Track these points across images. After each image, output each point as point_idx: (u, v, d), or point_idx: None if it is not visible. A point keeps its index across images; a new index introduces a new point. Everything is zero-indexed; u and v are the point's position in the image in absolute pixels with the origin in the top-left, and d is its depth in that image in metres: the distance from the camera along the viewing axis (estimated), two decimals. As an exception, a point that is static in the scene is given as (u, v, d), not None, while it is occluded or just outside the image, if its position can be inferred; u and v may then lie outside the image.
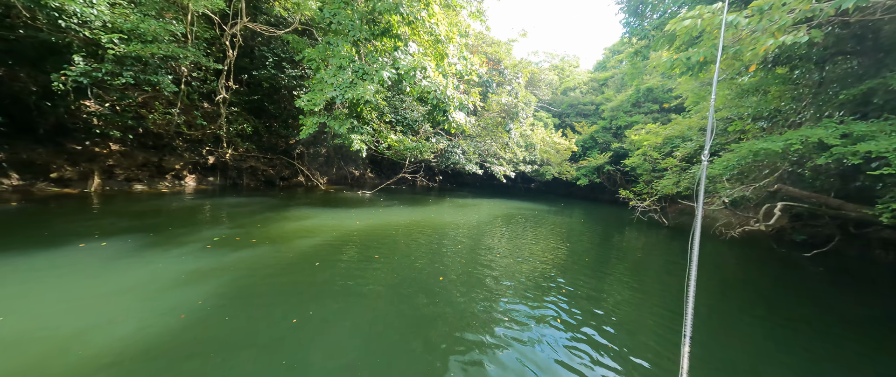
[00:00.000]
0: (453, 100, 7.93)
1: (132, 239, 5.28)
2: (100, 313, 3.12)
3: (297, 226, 7.35)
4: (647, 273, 6.46)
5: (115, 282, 3.77)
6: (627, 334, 3.64)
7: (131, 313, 3.16)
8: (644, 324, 3.96)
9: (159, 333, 2.88)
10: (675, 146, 12.76)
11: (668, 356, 3.23)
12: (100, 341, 2.71)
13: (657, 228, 12.50)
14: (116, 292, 3.56)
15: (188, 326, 3.02)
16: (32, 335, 2.72)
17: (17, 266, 3.92)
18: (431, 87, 7.66)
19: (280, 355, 2.74)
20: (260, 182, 15.24)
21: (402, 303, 3.94)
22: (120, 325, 2.94)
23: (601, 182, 24.24)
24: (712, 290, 5.62)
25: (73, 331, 2.81)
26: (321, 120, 8.50)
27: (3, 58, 7.97)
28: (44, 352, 2.53)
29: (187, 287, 3.80)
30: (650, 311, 4.35)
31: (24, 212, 6.60)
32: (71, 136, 9.72)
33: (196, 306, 3.35)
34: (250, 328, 3.12)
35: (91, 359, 2.48)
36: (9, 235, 4.98)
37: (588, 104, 26.91)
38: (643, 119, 20.34)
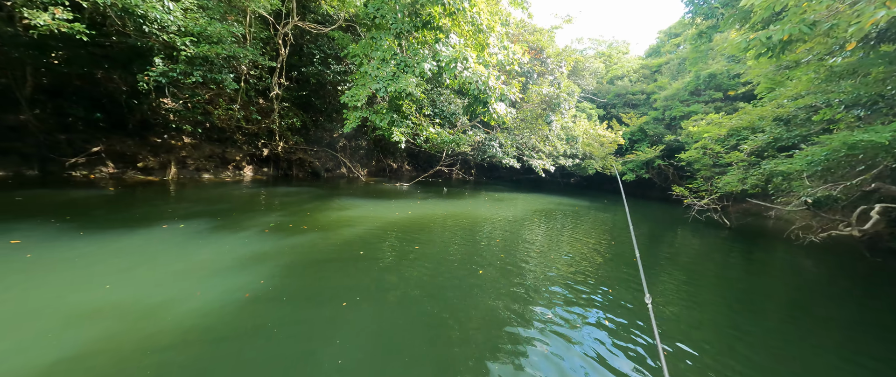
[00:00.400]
0: (495, 90, 7.75)
1: (204, 222, 5.90)
2: (180, 286, 3.53)
3: (342, 216, 7.72)
4: (703, 278, 5.89)
5: (192, 260, 4.25)
6: (679, 346, 3.35)
7: (206, 288, 3.53)
8: (692, 338, 3.62)
9: (230, 307, 3.19)
10: (743, 138, 11.39)
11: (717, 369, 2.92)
12: (181, 310, 3.06)
13: (716, 229, 11.35)
14: (193, 268, 4.00)
15: (253, 303, 3.31)
16: (129, 302, 3.14)
17: (119, 243, 4.56)
18: (472, 78, 7.55)
19: (333, 335, 2.91)
20: (307, 173, 16.24)
21: (441, 294, 3.97)
22: (197, 299, 3.30)
23: (650, 178, 22.51)
24: (787, 304, 4.98)
25: (159, 300, 3.21)
26: (364, 115, 8.79)
27: (101, 61, 9.22)
28: (138, 317, 2.92)
29: (251, 267, 4.16)
30: (702, 323, 3.96)
31: (119, 196, 7.66)
32: (152, 130, 11.06)
33: (259, 285, 3.66)
34: (306, 308, 3.33)
35: (174, 325, 2.82)
36: (112, 216, 5.83)
37: (638, 93, 24.94)
38: (703, 109, 18.43)
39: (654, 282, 5.19)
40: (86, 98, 9.51)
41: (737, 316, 4.15)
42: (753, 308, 4.55)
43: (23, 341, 2.48)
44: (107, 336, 2.60)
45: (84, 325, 2.71)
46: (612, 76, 27.37)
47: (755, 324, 3.97)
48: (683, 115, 19.39)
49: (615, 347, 3.14)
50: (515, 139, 17.96)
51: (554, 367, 2.74)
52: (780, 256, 8.28)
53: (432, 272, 4.64)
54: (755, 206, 16.69)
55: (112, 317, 2.86)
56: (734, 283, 5.65)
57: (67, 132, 9.27)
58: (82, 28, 6.03)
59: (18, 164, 8.62)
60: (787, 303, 4.98)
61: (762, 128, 10.67)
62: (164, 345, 2.57)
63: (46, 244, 4.20)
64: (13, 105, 8.41)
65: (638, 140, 22.82)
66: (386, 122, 8.82)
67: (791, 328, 4.02)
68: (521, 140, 18.12)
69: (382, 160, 21.78)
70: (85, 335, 2.59)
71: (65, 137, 9.21)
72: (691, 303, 4.41)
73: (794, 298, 5.29)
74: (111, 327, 2.72)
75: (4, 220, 4.84)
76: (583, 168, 21.67)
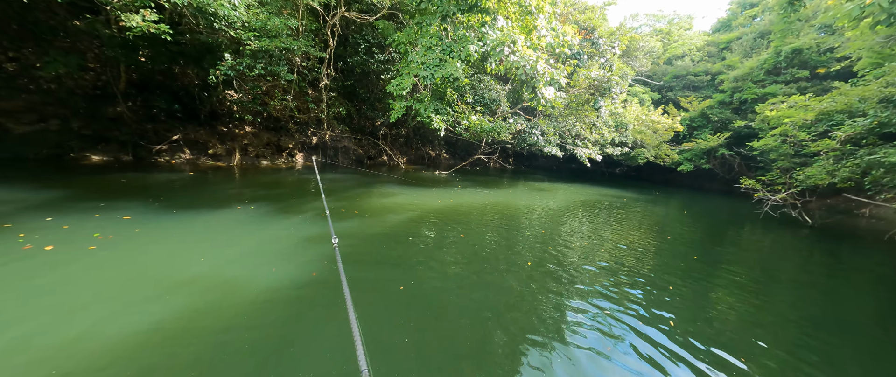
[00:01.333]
0: (544, 75, 7.39)
1: (268, 204, 6.45)
2: (258, 262, 3.91)
3: (388, 202, 7.99)
4: (777, 284, 5.27)
5: (264, 238, 4.68)
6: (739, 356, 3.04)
7: (279, 264, 3.88)
8: (757, 350, 3.25)
9: (300, 283, 3.48)
10: (836, 124, 9.82)
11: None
12: (263, 283, 3.40)
13: (794, 228, 10.04)
14: (266, 246, 4.41)
15: (319, 282, 3.58)
16: (221, 275, 3.55)
17: (206, 222, 5.15)
18: (520, 62, 7.26)
19: (397, 314, 3.06)
20: (352, 160, 16.97)
21: (495, 283, 3.98)
22: (273, 275, 3.63)
23: (711, 168, 20.42)
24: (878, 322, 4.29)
25: (244, 273, 3.59)
26: (408, 104, 8.88)
27: (177, 58, 10.25)
28: (230, 288, 3.29)
29: (313, 248, 4.48)
30: (768, 334, 3.55)
31: (196, 179, 8.60)
32: (220, 120, 12.17)
33: (323, 265, 3.94)
34: (366, 290, 3.53)
35: (259, 296, 3.14)
36: (195, 197, 6.60)
37: (700, 74, 22.46)
38: (782, 90, 16.15)
39: (712, 286, 4.76)
40: (166, 91, 10.68)
41: (814, 333, 3.68)
42: (838, 324, 4.00)
43: (131, 302, 2.91)
44: (206, 303, 2.97)
45: (185, 292, 3.12)
46: (671, 56, 24.86)
47: (841, 343, 3.50)
48: (757, 98, 17.17)
49: (661, 348, 2.94)
50: (558, 126, 17.17)
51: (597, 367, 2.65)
52: (877, 262, 7.14)
53: (481, 260, 4.66)
54: (844, 202, 14.48)
55: (209, 287, 3.25)
56: (814, 292, 4.99)
57: (153, 122, 10.52)
58: (166, 28, 6.72)
59: (117, 151, 9.99)
60: (878, 320, 4.31)
61: (863, 111, 9.09)
62: (254, 312, 2.88)
63: (150, 220, 4.86)
64: (111, 99, 9.69)
65: (698, 126, 20.71)
66: (430, 110, 8.85)
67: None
68: (565, 127, 17.27)
69: (421, 148, 22.06)
70: (187, 301, 2.98)
71: (151, 127, 10.47)
72: (753, 316, 3.98)
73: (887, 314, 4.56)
74: (209, 296, 3.10)
75: (117, 199, 5.69)
76: (632, 157, 20.20)
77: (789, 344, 3.26)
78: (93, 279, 3.19)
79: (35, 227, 4.16)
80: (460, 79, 7.92)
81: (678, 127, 18.22)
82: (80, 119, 9.12)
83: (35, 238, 3.86)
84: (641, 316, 3.51)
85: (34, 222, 4.32)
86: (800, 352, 3.13)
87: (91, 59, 9.38)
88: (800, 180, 10.26)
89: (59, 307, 2.71)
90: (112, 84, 9.49)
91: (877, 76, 9.56)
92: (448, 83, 8.12)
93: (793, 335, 3.46)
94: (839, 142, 9.34)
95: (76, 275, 3.21)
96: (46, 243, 3.77)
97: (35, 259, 3.42)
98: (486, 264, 4.53)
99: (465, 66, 7.85)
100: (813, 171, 9.50)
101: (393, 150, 19.04)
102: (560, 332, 3.06)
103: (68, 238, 3.99)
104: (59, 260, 3.46)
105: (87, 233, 4.17)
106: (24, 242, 3.71)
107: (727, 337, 3.26)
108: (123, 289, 3.08)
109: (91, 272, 3.31)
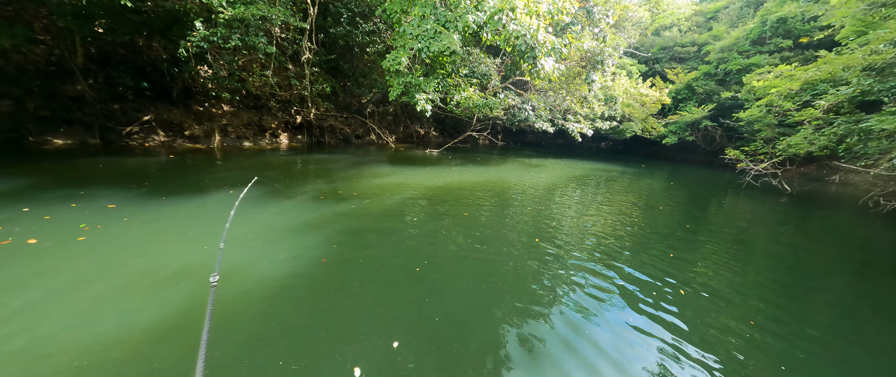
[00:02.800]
0: (545, 45, 7.08)
1: (262, 188, 6.10)
2: (264, 248, 3.70)
3: (385, 182, 7.75)
4: (780, 246, 5.51)
5: (267, 223, 4.43)
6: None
7: (287, 250, 3.67)
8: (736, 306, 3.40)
9: (310, 269, 3.32)
10: (819, 93, 10.08)
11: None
12: (273, 271, 3.22)
13: (774, 196, 10.52)
14: (270, 232, 4.19)
15: (330, 267, 3.42)
16: (228, 262, 3.31)
17: (199, 207, 4.81)
18: (520, 31, 6.90)
19: (421, 293, 2.97)
20: (339, 140, 16.36)
21: (502, 261, 3.94)
22: (281, 261, 3.44)
23: (694, 141, 20.93)
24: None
25: (252, 260, 3.38)
26: (407, 80, 8.40)
27: (140, 28, 9.26)
28: (241, 278, 3.09)
29: (319, 231, 4.29)
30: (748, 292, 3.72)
31: (176, 163, 8.03)
32: (194, 98, 11.29)
33: (332, 250, 3.77)
34: (381, 271, 3.41)
35: (272, 283, 2.97)
36: (181, 181, 6.16)
37: (687, 45, 22.47)
38: (766, 60, 16.40)
39: (699, 256, 4.92)
40: (131, 67, 9.72)
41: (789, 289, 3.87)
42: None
43: (138, 299, 2.69)
44: (220, 292, 2.77)
45: (192, 281, 2.90)
46: (658, 26, 24.67)
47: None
48: (742, 69, 17.41)
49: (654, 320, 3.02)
50: (548, 101, 16.96)
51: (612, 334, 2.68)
52: (847, 224, 7.59)
53: (487, 238, 4.60)
54: (815, 170, 15.28)
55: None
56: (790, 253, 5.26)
57: (120, 101, 9.63)
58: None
59: (82, 134, 9.16)
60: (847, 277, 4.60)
61: (847, 80, 9.33)
62: (267, 301, 2.72)
63: (137, 208, 4.50)
64: (69, 76, 8.74)
65: (684, 98, 20.98)
66: (431, 87, 8.42)
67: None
68: (555, 102, 17.09)
69: (410, 126, 21.51)
70: (194, 290, 2.77)
71: (118, 107, 9.59)
72: (735, 283, 4.15)
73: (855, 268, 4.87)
74: (221, 284, 2.89)
75: (95, 186, 5.21)
76: (620, 131, 20.38)
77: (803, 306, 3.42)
78: (89, 271, 2.92)
79: (11, 218, 3.76)
80: (457, 52, 7.51)
81: (665, 100, 18.36)
82: (36, 99, 8.22)
83: (14, 230, 3.49)
84: (655, 285, 3.57)
85: (8, 213, 3.90)
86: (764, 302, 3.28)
87: (39, 29, 8.33)
88: (781, 150, 10.64)
89: (62, 303, 2.47)
90: (68, 59, 8.52)
91: (861, 44, 9.75)
92: (445, 57, 7.69)
93: (805, 299, 3.63)
94: (822, 111, 9.63)
95: (70, 268, 2.93)
96: (29, 236, 3.41)
97: (19, 252, 3.09)
98: (497, 242, 4.48)
99: (461, 37, 7.43)
100: (796, 141, 9.84)
101: (381, 128, 18.44)
102: (587, 302, 3.07)
103: (53, 229, 3.63)
104: (47, 253, 3.14)
105: (72, 223, 3.82)
106: (3, 236, 3.33)
107: (741, 299, 3.38)
108: (126, 281, 2.83)
109: (86, 264, 3.03)
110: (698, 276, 3.90)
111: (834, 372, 2.49)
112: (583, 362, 2.32)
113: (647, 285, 3.56)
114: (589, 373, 2.22)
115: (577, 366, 2.28)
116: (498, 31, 7.55)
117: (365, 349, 2.27)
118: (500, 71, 16.52)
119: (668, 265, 4.13)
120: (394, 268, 3.48)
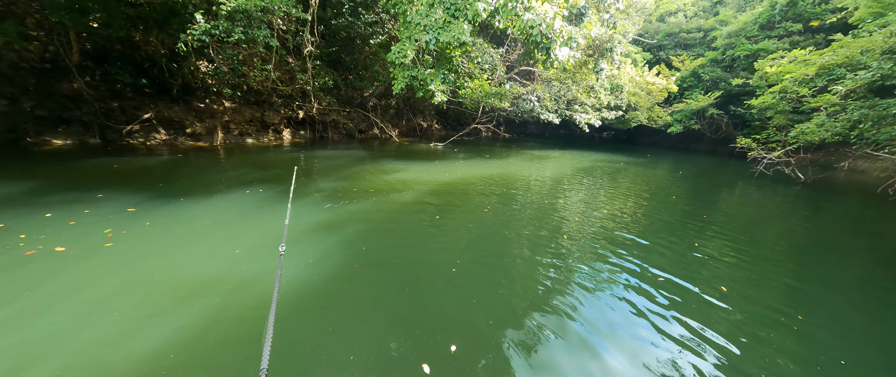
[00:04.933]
0: (561, 34, 6.80)
1: (275, 187, 5.91)
2: (292, 252, 3.51)
3: (397, 179, 7.56)
4: (802, 237, 5.38)
5: (295, 223, 4.20)
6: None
7: (316, 254, 3.49)
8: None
9: (343, 273, 3.15)
10: (837, 78, 9.86)
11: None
12: (306, 276, 3.04)
13: (787, 184, 10.38)
14: (294, 233, 4.00)
15: (364, 274, 3.26)
16: (260, 269, 3.16)
17: (219, 209, 4.60)
18: (536, 20, 6.62)
19: (463, 295, 2.82)
20: (342, 135, 16.09)
21: (539, 261, 3.80)
22: (312, 266, 3.27)
23: (699, 129, 20.73)
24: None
25: (284, 266, 3.21)
26: (413, 73, 8.11)
27: (137, 22, 8.91)
28: (280, 283, 2.92)
29: (343, 232, 4.12)
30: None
31: (183, 162, 7.80)
32: (195, 95, 10.99)
33: (361, 252, 3.60)
34: (418, 275, 3.24)
35: (309, 291, 2.80)
36: (195, 181, 5.95)
37: (693, 31, 22.08)
38: (775, 45, 16.10)
39: (727, 250, 4.78)
40: (128, 63, 9.39)
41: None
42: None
43: (176, 304, 2.52)
44: (254, 299, 2.61)
45: (227, 288, 2.73)
46: (663, 12, 24.20)
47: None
48: (750, 55, 17.12)
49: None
50: (553, 91, 16.66)
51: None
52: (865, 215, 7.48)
53: (514, 236, 4.45)
54: (823, 157, 15.13)
55: (248, 281, 2.88)
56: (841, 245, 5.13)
57: (118, 99, 9.33)
58: (121, -16, 5.63)
59: (81, 133, 8.88)
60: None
61: (866, 63, 9.11)
62: (299, 309, 2.56)
63: (157, 211, 4.32)
64: (65, 73, 8.42)
65: (689, 87, 20.70)
66: (438, 80, 8.14)
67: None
68: (560, 92, 16.79)
69: (412, 119, 21.19)
70: (228, 300, 2.61)
71: (117, 105, 9.29)
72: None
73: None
74: (252, 290, 2.73)
75: (110, 188, 5.03)
76: (625, 121, 20.13)
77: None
78: (124, 281, 2.78)
79: (37, 225, 3.61)
80: (467, 43, 7.23)
81: (672, 87, 18.06)
82: (32, 97, 7.93)
83: (40, 238, 3.35)
84: (686, 275, 3.44)
85: (31, 219, 3.74)
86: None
87: (32, 25, 7.98)
88: (793, 137, 10.45)
89: (103, 315, 2.34)
90: (63, 55, 8.20)
91: (880, 26, 9.50)
92: (453, 48, 7.41)
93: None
94: (840, 97, 9.43)
95: (105, 280, 2.79)
96: (56, 243, 3.27)
97: (51, 262, 2.95)
98: (526, 240, 4.32)
99: (473, 27, 7.14)
100: (812, 128, 9.66)
101: (384, 122, 18.13)
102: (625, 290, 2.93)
103: (78, 236, 3.48)
104: (78, 262, 3.00)
105: (96, 229, 3.67)
106: (30, 243, 3.17)
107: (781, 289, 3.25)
108: (161, 291, 2.68)
109: (120, 274, 2.90)
110: (734, 272, 3.77)
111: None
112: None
113: (694, 281, 3.42)
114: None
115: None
116: (511, 19, 7.26)
117: (424, 354, 2.13)
118: (505, 61, 16.19)
119: (708, 261, 3.99)
120: (429, 270, 3.32)
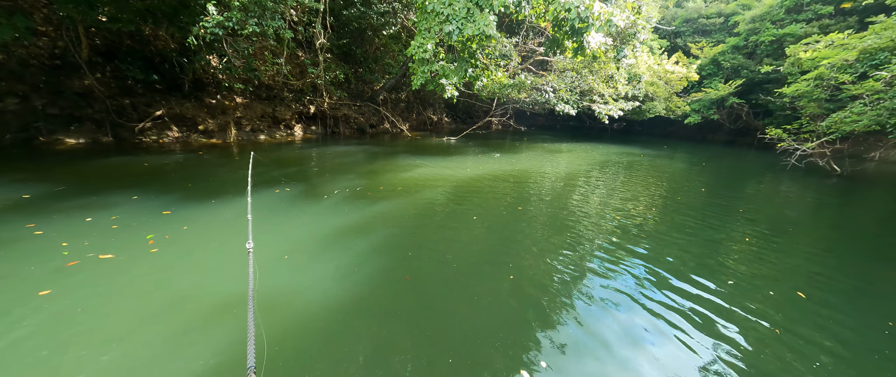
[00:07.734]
0: (599, 17, 6.34)
1: (301, 186, 5.65)
2: (338, 258, 3.26)
3: (417, 175, 7.25)
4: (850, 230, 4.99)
5: (326, 226, 4.01)
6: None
7: (362, 262, 3.21)
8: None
9: (393, 286, 2.87)
10: (880, 63, 9.28)
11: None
12: (353, 285, 2.77)
13: (820, 178, 9.87)
14: (334, 236, 3.77)
15: (418, 286, 2.97)
16: (314, 277, 2.89)
17: (253, 210, 4.34)
18: (573, 3, 6.16)
19: (533, 305, 2.53)
20: (353, 130, 15.77)
21: (586, 268, 3.48)
22: (357, 274, 2.99)
23: (718, 119, 20.06)
24: None
25: (331, 273, 2.94)
26: (433, 68, 7.70)
27: (146, 16, 8.60)
28: (332, 295, 2.64)
29: (381, 233, 3.83)
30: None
31: (199, 161, 7.54)
32: (206, 91, 10.71)
33: (407, 257, 3.32)
34: (477, 285, 2.95)
35: (351, 304, 2.52)
36: (222, 180, 5.72)
37: (713, 16, 21.23)
38: (803, 29, 15.36)
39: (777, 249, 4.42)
40: (139, 58, 9.11)
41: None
42: None
43: (230, 319, 2.26)
44: (308, 310, 2.34)
45: (283, 297, 2.48)
46: (681, -2, 23.29)
47: None
48: (775, 40, 16.38)
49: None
50: (568, 82, 16.12)
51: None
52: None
53: (562, 238, 4.13)
54: (850, 148, 14.49)
55: (300, 289, 2.63)
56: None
57: (129, 96, 9.08)
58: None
59: (94, 132, 8.67)
60: None
61: (915, 47, 8.53)
62: (352, 322, 2.28)
63: (191, 213, 4.11)
64: (75, 70, 8.18)
65: (708, 75, 19.99)
66: (460, 75, 7.73)
67: None
68: (577, 83, 16.24)
69: (423, 113, 20.80)
70: (293, 306, 2.34)
71: (128, 102, 9.06)
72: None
73: None
74: (305, 298, 2.46)
75: (138, 189, 4.82)
76: (643, 112, 19.50)
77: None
78: (178, 291, 2.61)
79: (80, 231, 3.40)
80: (493, 35, 6.80)
81: (693, 76, 17.37)
82: (43, 95, 7.71)
83: (84, 244, 3.15)
84: (749, 271, 3.11)
85: (69, 225, 3.53)
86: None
87: (40, 20, 7.72)
88: (827, 126, 9.90)
89: (162, 329, 2.14)
90: (73, 51, 7.94)
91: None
92: (478, 41, 6.98)
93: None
94: (884, 83, 8.87)
95: (161, 291, 2.61)
96: (102, 250, 3.07)
97: (103, 271, 2.76)
98: (574, 241, 4.01)
99: (496, 18, 6.72)
100: (852, 116, 9.13)
101: (394, 116, 17.77)
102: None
103: (123, 242, 3.29)
104: (129, 270, 2.81)
105: (137, 234, 3.48)
106: (77, 250, 2.98)
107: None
108: (218, 302, 2.46)
109: (173, 283, 2.72)
110: (791, 274, 3.43)
111: None
112: None
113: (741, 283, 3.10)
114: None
115: None
116: (547, 3, 6.78)
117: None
118: (520, 52, 15.66)
119: (750, 261, 3.65)
120: (487, 280, 3.02)
